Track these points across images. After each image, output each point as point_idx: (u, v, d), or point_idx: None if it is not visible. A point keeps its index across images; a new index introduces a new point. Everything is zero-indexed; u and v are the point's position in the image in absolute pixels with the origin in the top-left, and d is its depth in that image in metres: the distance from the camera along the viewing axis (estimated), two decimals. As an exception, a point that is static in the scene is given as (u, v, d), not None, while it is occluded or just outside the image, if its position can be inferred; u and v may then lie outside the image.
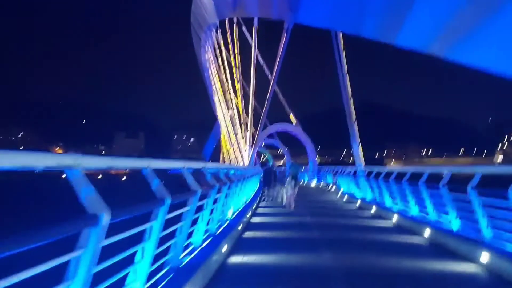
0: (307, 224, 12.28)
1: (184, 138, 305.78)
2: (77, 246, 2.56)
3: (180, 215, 5.53)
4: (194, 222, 6.77)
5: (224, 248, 7.69)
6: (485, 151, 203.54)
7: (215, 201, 8.18)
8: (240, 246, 8.68)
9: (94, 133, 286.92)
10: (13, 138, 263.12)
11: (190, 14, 56.97)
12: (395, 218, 12.49)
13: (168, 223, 4.86)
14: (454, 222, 9.10)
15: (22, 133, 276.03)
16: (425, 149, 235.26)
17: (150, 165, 4.00)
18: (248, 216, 13.32)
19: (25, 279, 2.03)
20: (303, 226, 11.86)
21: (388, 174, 14.23)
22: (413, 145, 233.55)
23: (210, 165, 7.54)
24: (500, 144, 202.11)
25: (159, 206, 3.98)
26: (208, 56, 61.48)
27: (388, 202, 14.19)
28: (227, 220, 10.38)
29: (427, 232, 9.92)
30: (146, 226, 3.89)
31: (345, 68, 24.62)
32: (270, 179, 16.80)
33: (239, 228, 10.46)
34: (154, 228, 3.98)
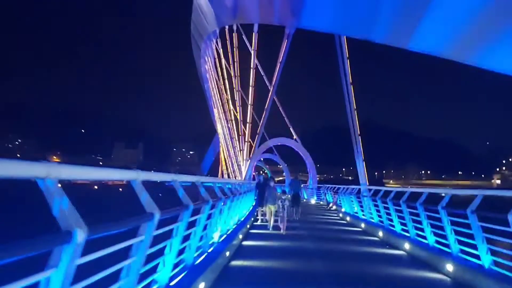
0: (308, 250, 10.61)
1: (183, 150, 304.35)
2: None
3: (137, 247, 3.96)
4: (162, 252, 5.21)
5: (202, 286, 6.06)
6: (483, 174, 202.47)
7: (193, 224, 6.61)
8: (224, 281, 7.04)
9: (93, 142, 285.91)
10: (10, 145, 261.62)
11: (190, 23, 56.09)
12: (407, 246, 10.84)
13: (109, 259, 3.30)
14: (485, 258, 7.48)
15: (19, 140, 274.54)
16: (423, 171, 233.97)
17: (50, 174, 2.42)
18: (239, 238, 11.68)
19: None
20: (303, 253, 10.20)
21: (399, 195, 12.63)
22: (412, 166, 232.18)
23: (184, 178, 5.93)
24: (498, 167, 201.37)
25: (64, 243, 2.39)
26: (208, 67, 60.65)
27: (398, 227, 12.54)
28: (212, 244, 8.76)
29: (449, 267, 8.27)
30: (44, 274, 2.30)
31: (350, 78, 23.07)
32: (263, 195, 14.52)
33: (227, 254, 8.82)
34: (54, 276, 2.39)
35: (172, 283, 5.37)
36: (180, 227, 5.36)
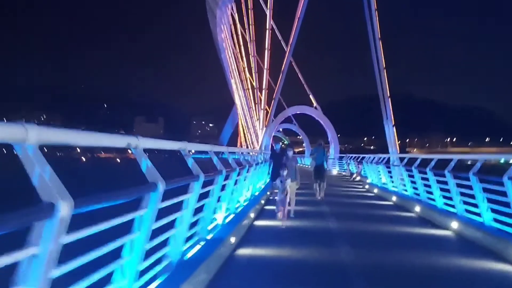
0: (332, 233, 8.77)
1: (203, 123, 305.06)
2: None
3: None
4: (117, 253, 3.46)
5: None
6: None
7: (180, 206, 4.85)
8: (222, 283, 5.25)
9: (115, 117, 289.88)
10: (35, 121, 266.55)
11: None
12: (455, 225, 8.90)
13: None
14: None
15: (44, 116, 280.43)
16: (448, 138, 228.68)
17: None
18: (251, 217, 9.94)
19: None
20: (327, 237, 8.36)
21: (441, 163, 10.62)
22: (436, 133, 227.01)
23: (147, 143, 3.89)
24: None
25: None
26: (224, 35, 58.62)
27: (439, 201, 10.58)
28: (213, 229, 7.03)
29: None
30: None
31: (378, 33, 20.39)
32: (278, 168, 10.58)
33: (232, 241, 7.06)
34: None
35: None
36: (145, 217, 3.55)
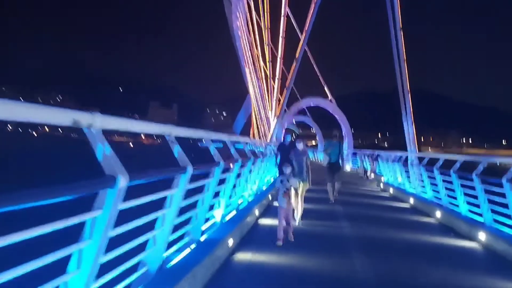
0: (345, 239, 7.82)
1: (217, 112, 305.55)
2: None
3: None
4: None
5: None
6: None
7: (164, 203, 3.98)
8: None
9: (130, 101, 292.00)
10: (51, 102, 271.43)
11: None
12: (482, 236, 7.89)
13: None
14: None
15: (60, 97, 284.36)
16: (463, 138, 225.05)
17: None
18: (255, 214, 9.08)
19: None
20: (340, 243, 7.42)
21: (466, 165, 9.59)
22: (452, 133, 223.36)
23: (109, 123, 2.84)
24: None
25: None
26: (239, 23, 57.54)
27: (463, 207, 9.56)
28: (208, 229, 6.18)
29: None
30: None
31: (400, 23, 19.00)
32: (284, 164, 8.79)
33: (230, 243, 6.19)
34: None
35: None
36: (98, 220, 2.67)
